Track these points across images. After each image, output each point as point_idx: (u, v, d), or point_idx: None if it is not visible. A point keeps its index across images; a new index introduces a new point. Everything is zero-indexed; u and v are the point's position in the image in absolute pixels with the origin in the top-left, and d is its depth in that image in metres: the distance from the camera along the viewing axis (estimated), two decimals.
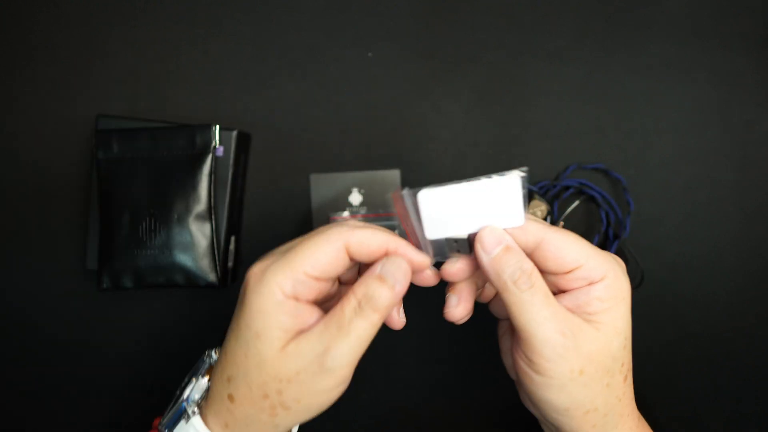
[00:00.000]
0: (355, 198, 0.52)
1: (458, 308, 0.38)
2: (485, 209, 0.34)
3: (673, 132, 0.53)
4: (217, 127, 0.48)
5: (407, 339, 0.53)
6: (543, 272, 0.36)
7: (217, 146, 0.48)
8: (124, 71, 0.53)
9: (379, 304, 0.34)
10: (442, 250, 0.36)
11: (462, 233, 0.35)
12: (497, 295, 0.41)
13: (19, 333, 0.53)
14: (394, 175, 0.52)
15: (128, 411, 0.54)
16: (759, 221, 0.52)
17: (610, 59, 0.52)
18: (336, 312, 0.34)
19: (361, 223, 0.36)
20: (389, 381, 0.54)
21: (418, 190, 0.34)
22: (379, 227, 0.36)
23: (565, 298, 0.36)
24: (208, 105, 0.52)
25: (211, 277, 0.48)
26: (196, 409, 0.37)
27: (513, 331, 0.38)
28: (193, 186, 0.48)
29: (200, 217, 0.48)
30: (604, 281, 0.36)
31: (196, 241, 0.48)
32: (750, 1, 0.52)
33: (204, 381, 0.39)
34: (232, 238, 0.50)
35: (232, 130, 0.49)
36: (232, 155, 0.49)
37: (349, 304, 0.34)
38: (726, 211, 0.53)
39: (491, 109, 0.53)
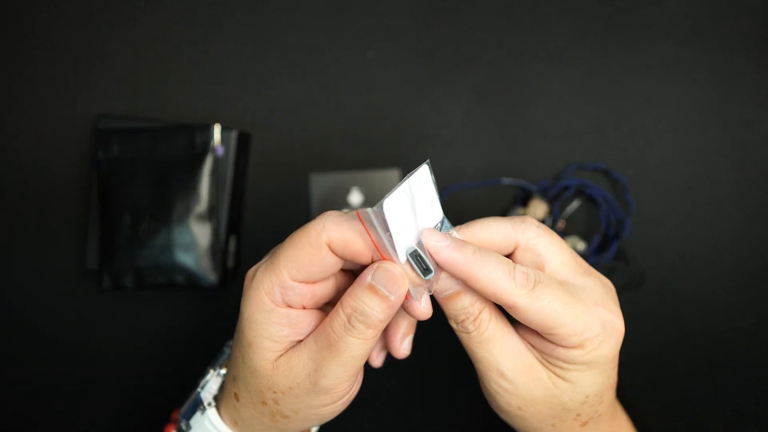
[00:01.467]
0: (355, 198, 0.52)
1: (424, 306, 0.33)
2: (418, 208, 0.31)
3: (673, 132, 0.53)
4: (218, 127, 0.48)
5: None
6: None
7: (217, 146, 0.48)
8: (124, 71, 0.53)
9: (372, 319, 0.30)
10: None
11: (413, 239, 0.31)
12: None
13: (19, 333, 0.53)
14: (394, 175, 0.52)
15: (128, 411, 0.54)
16: (759, 221, 0.52)
17: (610, 59, 0.52)
18: (325, 327, 0.31)
19: (348, 216, 0.31)
20: (389, 381, 0.54)
21: (380, 203, 0.29)
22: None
23: (532, 334, 0.33)
24: (208, 105, 0.52)
25: (212, 277, 0.48)
26: (212, 401, 0.36)
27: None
28: (194, 186, 0.48)
29: (201, 217, 0.48)
30: (576, 350, 0.31)
31: (197, 241, 0.48)
32: (750, 1, 0.52)
33: (222, 371, 0.37)
34: (232, 238, 0.51)
35: (232, 130, 0.49)
36: (232, 155, 0.49)
37: (337, 318, 0.30)
38: (726, 211, 0.53)
39: (491, 109, 0.53)
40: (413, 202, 0.30)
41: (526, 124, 0.52)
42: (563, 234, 0.52)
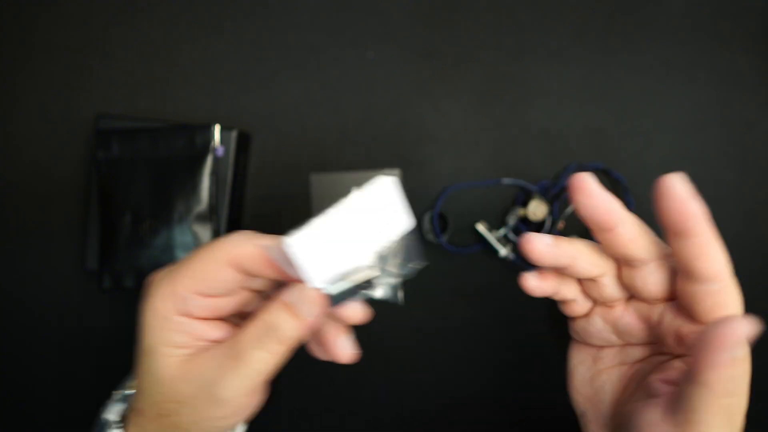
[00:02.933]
0: (354, 197, 0.52)
1: (546, 246, 0.30)
2: (370, 228, 0.29)
3: (673, 132, 0.53)
4: (217, 127, 0.48)
5: (408, 339, 0.53)
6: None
7: (217, 146, 0.48)
8: (124, 71, 0.53)
9: (285, 335, 0.30)
10: (344, 295, 0.30)
11: (354, 266, 0.29)
12: (590, 315, 0.34)
13: (19, 333, 0.53)
14: (395, 174, 0.52)
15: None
16: (759, 221, 0.52)
17: (610, 59, 0.52)
18: (235, 339, 0.30)
19: (260, 236, 0.31)
20: (389, 381, 0.54)
21: (285, 241, 0.27)
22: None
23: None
24: (208, 105, 0.52)
25: None
26: (120, 423, 0.35)
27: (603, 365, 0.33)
28: (194, 186, 0.48)
29: (201, 217, 0.48)
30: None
31: (198, 241, 0.48)
32: (750, 1, 0.52)
33: (127, 392, 0.37)
34: None
35: (232, 130, 0.49)
36: (232, 155, 0.49)
37: (248, 332, 0.30)
38: (726, 211, 0.53)
39: (491, 109, 0.53)
40: (349, 225, 0.29)
41: (526, 124, 0.52)
42: (563, 234, 0.52)
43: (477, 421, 0.53)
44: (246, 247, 0.30)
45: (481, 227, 0.51)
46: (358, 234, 0.29)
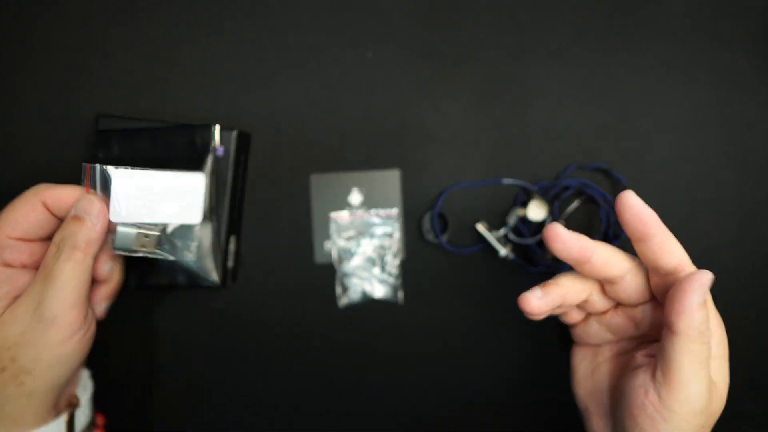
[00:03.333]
0: (355, 198, 0.52)
1: (538, 300, 0.34)
2: (171, 201, 0.37)
3: (673, 132, 0.53)
4: (218, 127, 0.48)
5: (408, 339, 0.53)
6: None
7: (217, 146, 0.48)
8: (124, 71, 0.53)
9: (78, 240, 0.34)
10: (127, 242, 0.37)
11: (148, 222, 0.37)
12: (587, 320, 0.38)
13: None
14: (395, 174, 0.52)
15: (129, 411, 0.54)
16: (759, 221, 0.52)
17: (610, 59, 0.52)
18: (41, 265, 0.34)
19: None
20: (389, 381, 0.54)
21: (112, 168, 0.36)
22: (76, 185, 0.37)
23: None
24: (208, 105, 0.52)
25: (214, 276, 0.48)
26: None
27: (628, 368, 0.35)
28: None
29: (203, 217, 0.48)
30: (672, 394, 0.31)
31: (199, 241, 0.48)
32: (750, 1, 0.52)
33: None
34: (232, 238, 0.51)
35: (232, 130, 0.49)
36: (232, 155, 0.49)
37: (49, 252, 0.34)
38: (726, 211, 0.53)
39: (491, 109, 0.53)
40: (157, 189, 0.37)
41: (526, 124, 0.52)
42: None
43: (477, 421, 0.53)
44: (53, 189, 0.36)
45: (481, 227, 0.51)
46: (159, 201, 0.37)
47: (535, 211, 0.50)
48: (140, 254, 0.37)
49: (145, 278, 0.48)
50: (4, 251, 0.34)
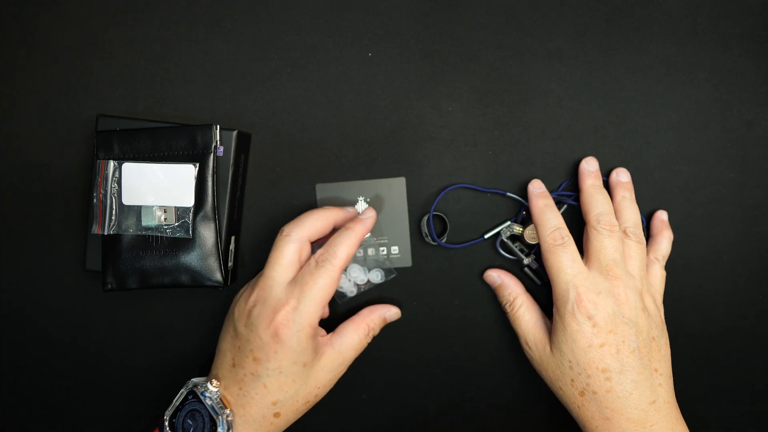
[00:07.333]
0: (361, 207, 0.52)
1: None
2: (168, 188, 0.47)
3: (673, 132, 0.53)
4: (218, 127, 0.48)
5: (408, 339, 0.53)
6: None
7: (218, 146, 0.48)
8: (124, 71, 0.53)
9: (377, 328, 0.50)
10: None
11: (149, 204, 0.47)
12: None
13: (19, 333, 0.53)
14: (400, 182, 0.52)
15: (129, 411, 0.54)
16: (759, 221, 0.52)
17: (610, 59, 0.52)
18: (349, 334, 0.48)
19: (300, 219, 0.47)
20: (389, 381, 0.54)
21: (123, 162, 0.47)
22: (314, 211, 0.48)
23: None
24: (208, 105, 0.52)
25: (217, 276, 0.48)
26: None
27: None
28: (197, 186, 0.48)
29: (205, 217, 0.48)
30: (555, 306, 0.46)
31: (202, 241, 0.48)
32: (750, 1, 0.52)
33: (227, 412, 0.44)
34: (232, 238, 0.50)
35: (232, 130, 0.49)
36: (232, 155, 0.49)
37: (361, 330, 0.49)
38: (726, 211, 0.53)
39: (491, 109, 0.53)
40: (156, 179, 0.48)
41: (526, 124, 0.52)
42: None
43: (478, 420, 0.53)
44: (310, 232, 0.47)
45: (503, 237, 0.51)
46: (159, 188, 0.47)
47: (533, 237, 0.50)
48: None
49: (148, 279, 0.48)
50: (316, 327, 0.46)
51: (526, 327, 0.48)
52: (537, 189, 0.49)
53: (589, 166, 0.50)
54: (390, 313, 0.50)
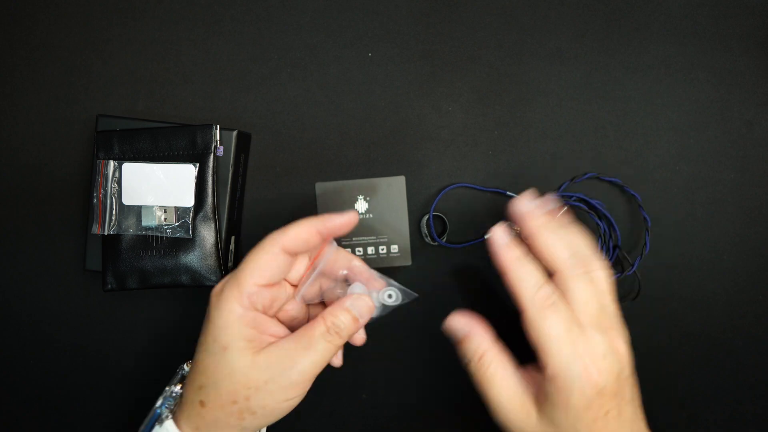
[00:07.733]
0: (361, 206, 0.52)
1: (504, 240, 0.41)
2: (168, 188, 0.47)
3: (673, 132, 0.53)
4: (218, 127, 0.48)
5: (408, 339, 0.53)
6: None
7: (218, 146, 0.48)
8: (124, 71, 0.53)
9: (344, 332, 0.39)
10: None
11: (149, 204, 0.47)
12: None
13: (19, 333, 0.53)
14: (400, 181, 0.52)
15: (129, 411, 0.54)
16: (759, 221, 0.52)
17: (610, 59, 0.52)
18: (306, 332, 0.39)
19: (290, 224, 0.41)
20: (389, 381, 0.54)
21: (123, 162, 0.47)
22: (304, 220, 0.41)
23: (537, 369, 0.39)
24: (208, 105, 0.52)
25: (217, 276, 0.48)
26: (169, 414, 0.41)
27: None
28: (197, 186, 0.48)
29: (205, 217, 0.48)
30: (549, 383, 0.37)
31: (202, 241, 0.48)
32: (750, 1, 0.52)
33: (177, 389, 0.43)
34: (232, 238, 0.51)
35: (232, 130, 0.49)
36: (232, 155, 0.49)
37: (318, 327, 0.39)
38: (726, 211, 0.53)
39: (491, 109, 0.53)
40: (157, 179, 0.47)
41: (526, 124, 0.52)
42: None
43: (478, 421, 0.53)
44: (288, 233, 0.40)
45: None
46: (160, 187, 0.47)
47: None
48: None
49: (149, 279, 0.48)
50: (252, 297, 0.39)
51: (500, 391, 0.39)
52: (500, 239, 0.39)
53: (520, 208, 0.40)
54: (357, 303, 0.40)
